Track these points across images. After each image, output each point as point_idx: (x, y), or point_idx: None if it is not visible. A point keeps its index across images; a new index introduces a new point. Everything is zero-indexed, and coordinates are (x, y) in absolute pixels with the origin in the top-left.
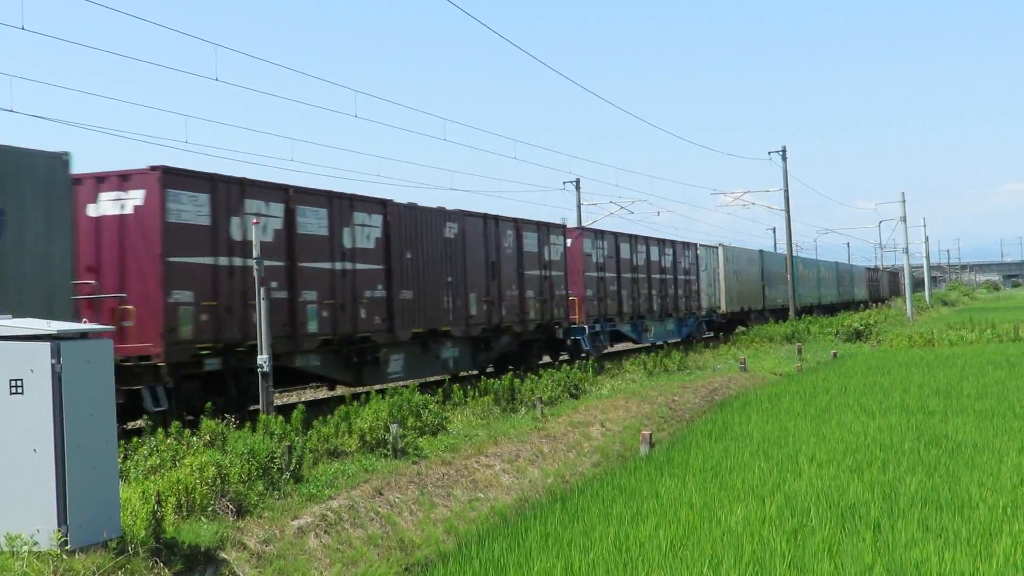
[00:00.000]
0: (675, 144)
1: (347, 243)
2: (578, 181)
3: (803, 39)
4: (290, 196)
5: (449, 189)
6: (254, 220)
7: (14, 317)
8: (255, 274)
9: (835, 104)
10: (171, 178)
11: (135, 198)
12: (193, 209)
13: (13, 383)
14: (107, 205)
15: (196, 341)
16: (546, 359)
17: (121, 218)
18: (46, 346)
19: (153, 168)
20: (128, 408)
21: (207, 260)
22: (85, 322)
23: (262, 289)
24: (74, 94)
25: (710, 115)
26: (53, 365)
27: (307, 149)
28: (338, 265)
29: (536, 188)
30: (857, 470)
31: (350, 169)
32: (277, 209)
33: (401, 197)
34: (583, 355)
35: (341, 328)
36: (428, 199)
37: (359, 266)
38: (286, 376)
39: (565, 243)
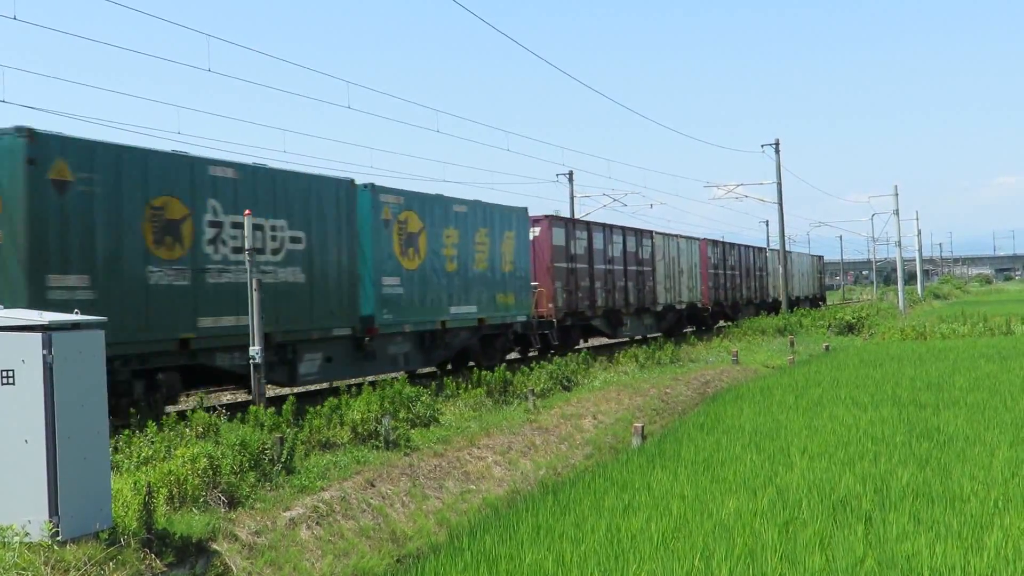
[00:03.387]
0: (668, 136)
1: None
2: (571, 173)
3: (796, 31)
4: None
5: (442, 180)
6: (246, 212)
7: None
8: (247, 267)
9: (828, 97)
10: None
11: None
12: None
13: (4, 374)
14: None
15: None
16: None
17: None
18: (37, 337)
19: None
20: None
21: None
22: (77, 313)
23: (254, 281)
24: (67, 84)
25: (703, 107)
26: (44, 356)
27: (300, 140)
28: None
29: (529, 180)
30: (849, 463)
31: (343, 160)
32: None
33: (394, 185)
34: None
35: None
36: (422, 190)
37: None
38: None
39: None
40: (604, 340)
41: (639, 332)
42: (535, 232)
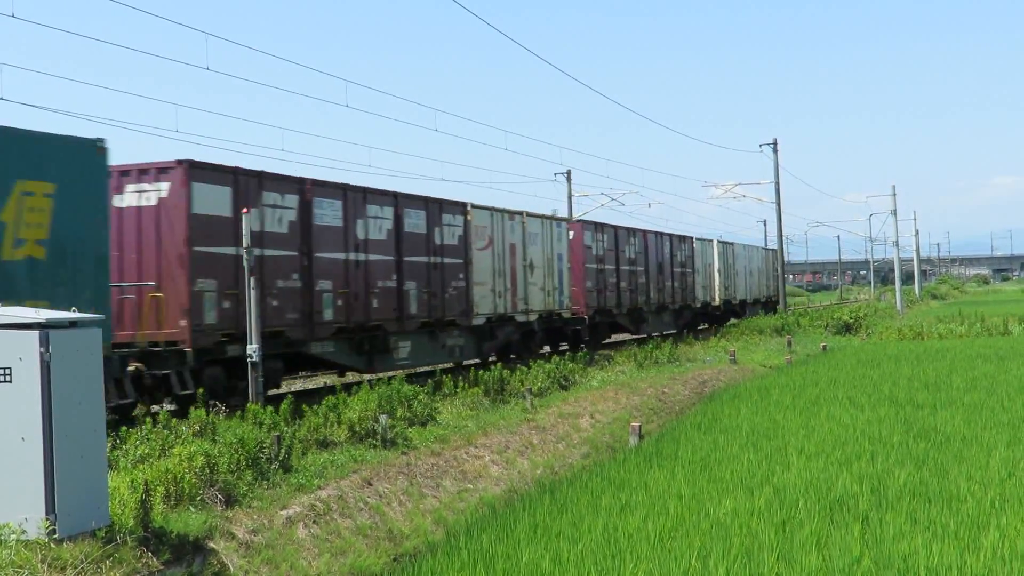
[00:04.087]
0: (666, 136)
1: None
2: (569, 173)
3: (795, 32)
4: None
5: (440, 180)
6: (244, 210)
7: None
8: (244, 264)
9: (826, 97)
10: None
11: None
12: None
13: (2, 371)
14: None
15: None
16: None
17: None
18: (35, 334)
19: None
20: None
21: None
22: (74, 311)
23: (251, 279)
24: (64, 82)
25: (701, 107)
26: (42, 353)
27: (298, 139)
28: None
29: (527, 179)
30: (846, 463)
31: (341, 159)
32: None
33: (391, 187)
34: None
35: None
36: (420, 189)
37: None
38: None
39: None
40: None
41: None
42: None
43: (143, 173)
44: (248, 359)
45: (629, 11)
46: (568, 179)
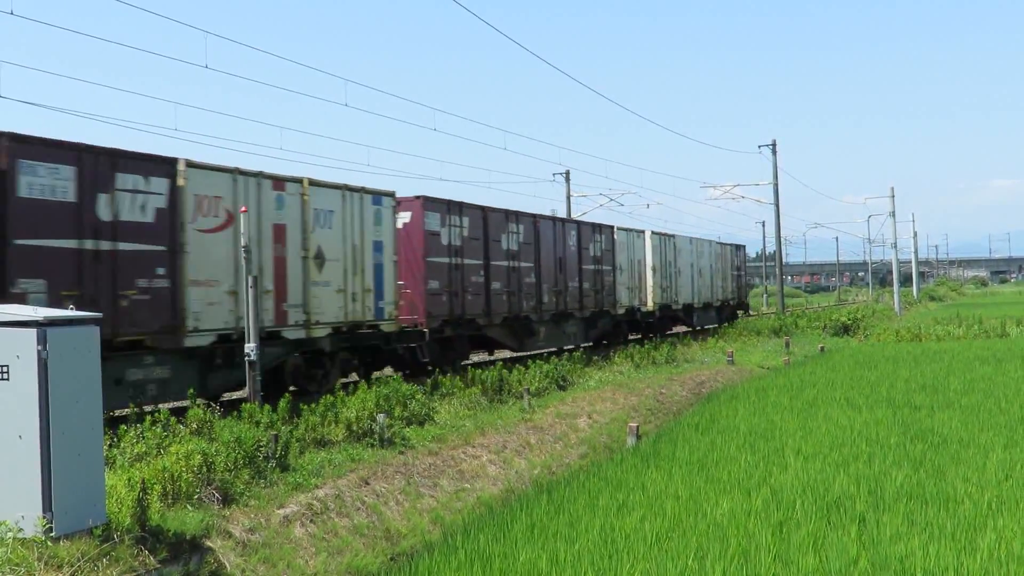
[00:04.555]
0: (665, 137)
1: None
2: (568, 173)
3: (794, 33)
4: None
5: (438, 179)
6: (242, 208)
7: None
8: (243, 263)
9: (825, 98)
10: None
11: None
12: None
13: None
14: None
15: None
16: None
17: None
18: (32, 332)
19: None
20: None
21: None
22: (72, 309)
23: (250, 278)
24: (64, 80)
25: (701, 108)
26: (39, 351)
27: (296, 137)
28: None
29: (526, 179)
30: (843, 464)
31: (339, 158)
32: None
33: (390, 186)
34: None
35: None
36: (418, 189)
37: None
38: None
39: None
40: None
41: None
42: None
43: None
44: (246, 358)
45: (629, 11)
46: (567, 179)
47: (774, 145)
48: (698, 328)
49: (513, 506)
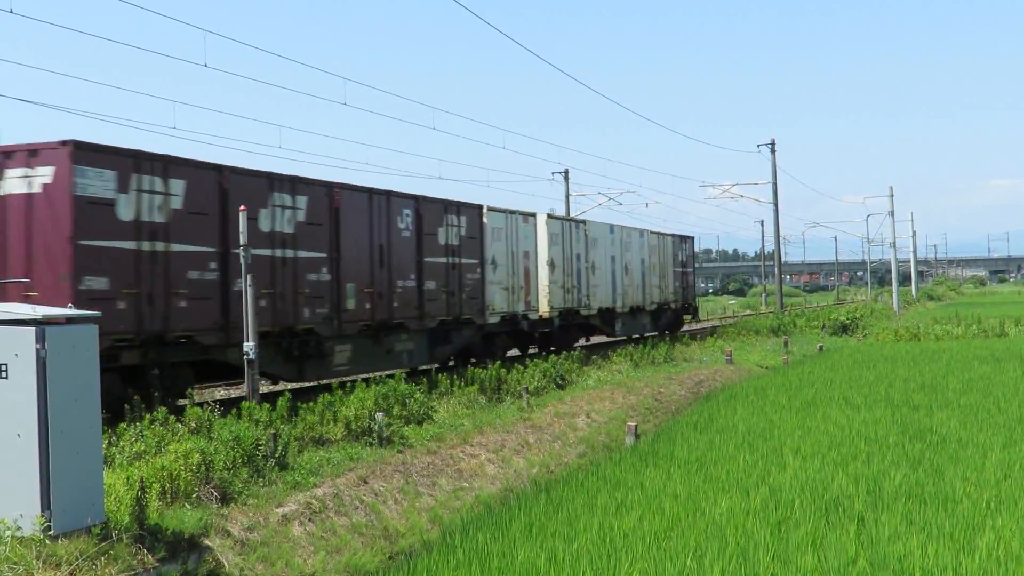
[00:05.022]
0: (664, 136)
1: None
2: (567, 172)
3: (793, 32)
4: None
5: (437, 178)
6: (241, 207)
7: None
8: (242, 262)
9: (824, 98)
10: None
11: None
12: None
13: None
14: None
15: None
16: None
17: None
18: (31, 331)
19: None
20: None
21: None
22: (71, 307)
23: (248, 277)
24: (63, 79)
25: (700, 107)
26: (38, 350)
27: (295, 136)
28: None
29: (526, 178)
30: (842, 463)
31: (338, 157)
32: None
33: (388, 185)
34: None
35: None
36: (417, 188)
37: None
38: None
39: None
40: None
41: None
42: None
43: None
44: (244, 356)
45: (628, 11)
46: (566, 178)
47: (773, 144)
48: (623, 338)
49: (511, 505)
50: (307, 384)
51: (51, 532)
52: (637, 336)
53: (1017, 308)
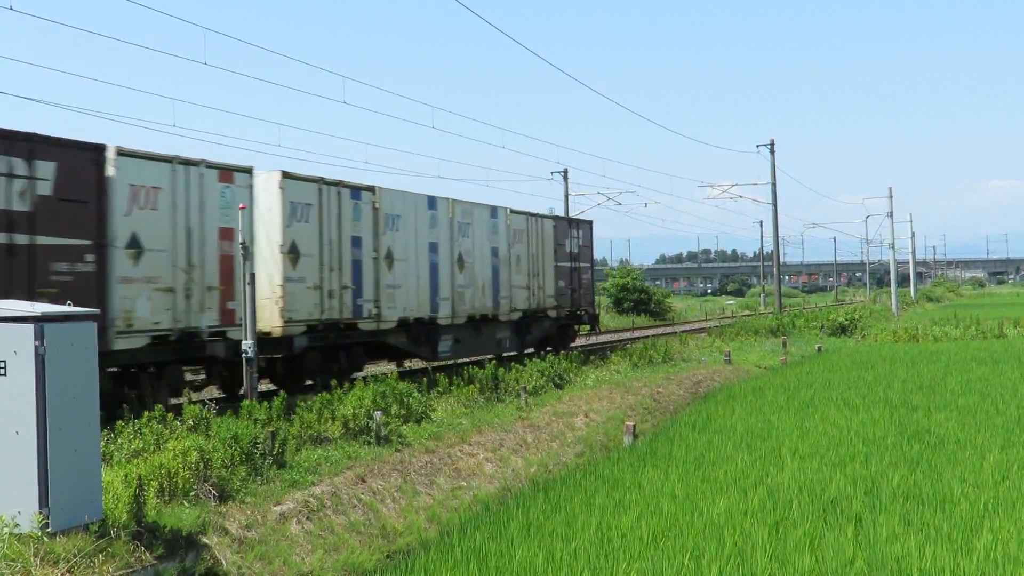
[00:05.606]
0: (664, 136)
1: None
2: (566, 171)
3: (792, 32)
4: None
5: (436, 177)
6: (240, 205)
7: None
8: (240, 259)
9: (824, 98)
10: None
11: None
12: None
13: None
14: None
15: None
16: None
17: None
18: (30, 328)
19: None
20: None
21: None
22: (70, 305)
23: (248, 275)
24: (62, 76)
25: (699, 107)
26: (37, 347)
27: (294, 134)
28: None
29: (525, 178)
30: (840, 464)
31: (337, 155)
32: None
33: (387, 184)
34: None
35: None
36: (417, 187)
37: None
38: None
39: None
40: None
41: None
42: None
43: None
44: (243, 355)
45: (628, 10)
46: (565, 178)
47: (772, 145)
48: (447, 362)
49: (509, 504)
50: (306, 383)
51: (49, 529)
52: (492, 357)
53: (1016, 309)
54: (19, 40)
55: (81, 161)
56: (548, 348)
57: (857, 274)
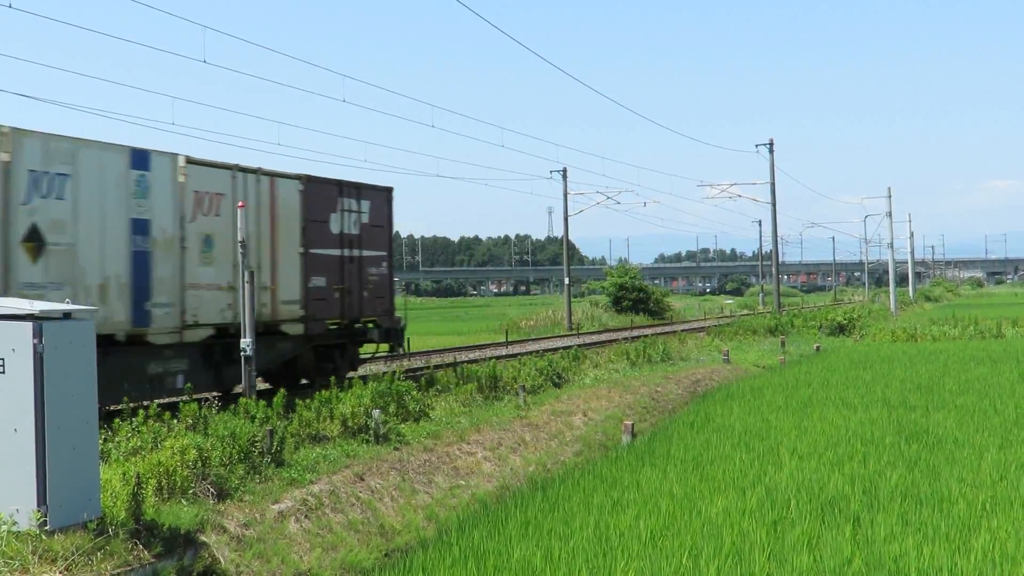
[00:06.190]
0: (663, 135)
1: None
2: (565, 170)
3: (792, 32)
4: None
5: (436, 176)
6: (240, 203)
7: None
8: (240, 258)
9: (823, 98)
10: None
11: None
12: None
13: None
14: None
15: None
16: None
17: None
18: (28, 326)
19: None
20: None
21: None
22: (68, 302)
23: (247, 273)
24: (61, 73)
25: (698, 107)
26: (35, 345)
27: (293, 133)
28: None
29: (524, 176)
30: (838, 464)
31: (336, 154)
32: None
33: (385, 183)
34: None
35: None
36: (416, 186)
37: None
38: None
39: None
40: None
41: None
42: None
43: None
44: (242, 353)
45: (627, 9)
46: (564, 177)
47: (771, 144)
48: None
49: (508, 503)
50: (303, 382)
51: (47, 527)
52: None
53: (1014, 310)
54: (17, 38)
55: None
56: (304, 381)
57: (856, 274)
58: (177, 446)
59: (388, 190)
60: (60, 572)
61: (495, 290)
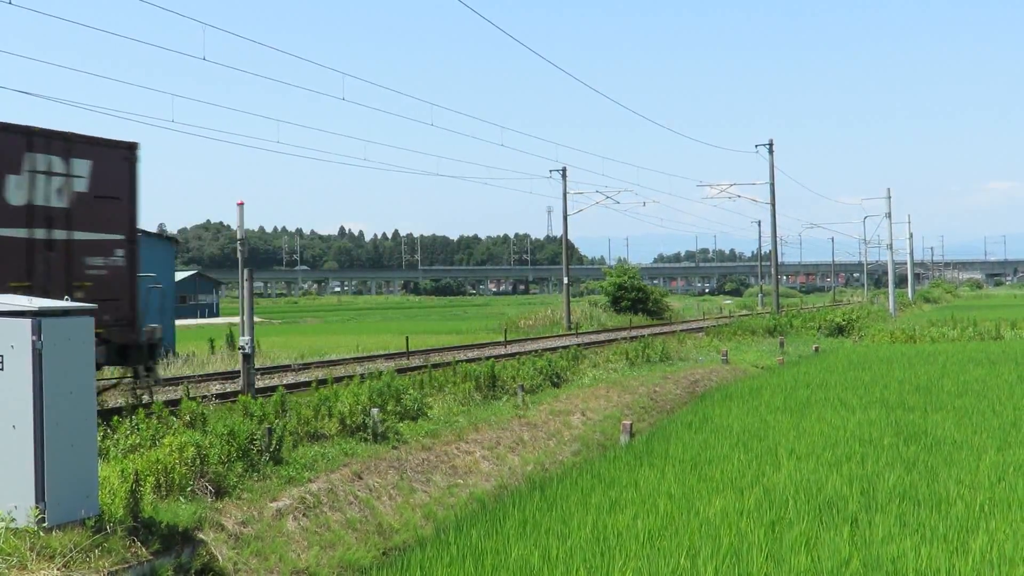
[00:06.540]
0: (662, 135)
1: None
2: (564, 170)
3: (791, 33)
4: None
5: (435, 175)
6: (239, 201)
7: None
8: (238, 256)
9: (822, 99)
10: None
11: None
12: None
13: None
14: None
15: None
16: None
17: None
18: (27, 322)
19: None
20: None
21: None
22: (67, 300)
23: (246, 271)
24: (61, 70)
25: (698, 107)
26: (34, 342)
27: (293, 130)
28: None
29: (523, 176)
30: (836, 464)
31: (336, 152)
32: None
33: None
34: None
35: None
36: (415, 185)
37: None
38: None
39: None
40: None
41: None
42: None
43: None
44: (240, 351)
45: (627, 10)
46: (563, 176)
47: (771, 145)
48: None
49: (506, 502)
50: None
51: (45, 524)
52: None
53: (1013, 311)
54: (17, 34)
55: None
56: None
57: (855, 275)
58: (175, 444)
59: (128, 146)
60: (58, 569)
61: (494, 289)
